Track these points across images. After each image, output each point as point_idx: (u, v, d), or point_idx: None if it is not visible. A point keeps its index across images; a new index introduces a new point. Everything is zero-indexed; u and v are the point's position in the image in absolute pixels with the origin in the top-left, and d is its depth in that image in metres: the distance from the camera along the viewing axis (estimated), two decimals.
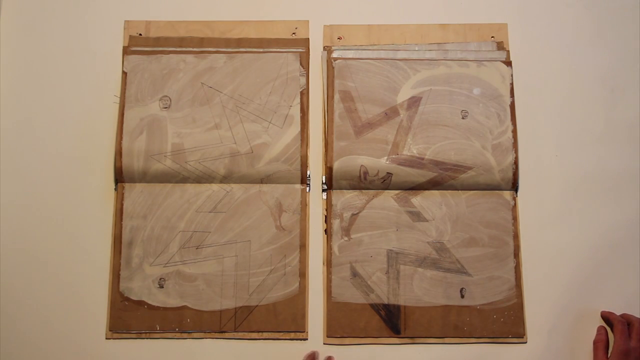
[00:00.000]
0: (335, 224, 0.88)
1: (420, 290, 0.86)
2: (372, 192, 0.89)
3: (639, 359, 0.80)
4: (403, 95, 0.90)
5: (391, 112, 0.90)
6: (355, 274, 0.86)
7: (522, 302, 0.86)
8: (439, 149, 0.88)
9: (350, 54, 0.92)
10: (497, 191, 0.89)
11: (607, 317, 0.85)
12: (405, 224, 0.88)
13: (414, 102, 0.90)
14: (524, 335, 0.85)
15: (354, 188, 0.89)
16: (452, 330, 0.85)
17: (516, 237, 0.88)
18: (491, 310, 0.85)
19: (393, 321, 0.85)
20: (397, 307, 0.85)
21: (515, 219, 0.88)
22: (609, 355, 0.82)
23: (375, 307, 0.85)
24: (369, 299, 0.86)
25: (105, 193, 0.90)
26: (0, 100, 0.93)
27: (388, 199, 0.89)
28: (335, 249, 0.87)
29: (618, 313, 0.86)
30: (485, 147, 0.89)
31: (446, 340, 0.85)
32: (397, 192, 0.89)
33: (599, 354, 0.83)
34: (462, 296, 0.86)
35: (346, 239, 0.87)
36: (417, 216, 0.88)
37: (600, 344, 0.83)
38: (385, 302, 0.86)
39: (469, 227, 0.88)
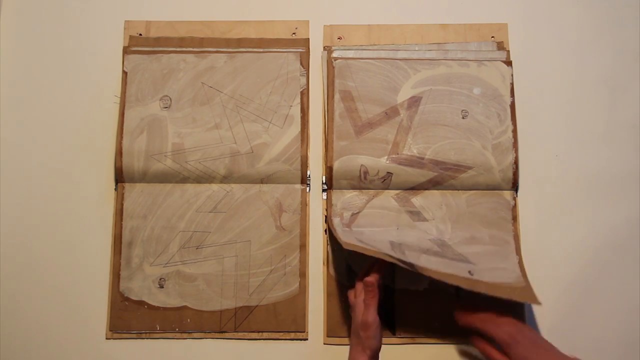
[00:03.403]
0: (336, 220, 0.87)
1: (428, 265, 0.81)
2: (372, 192, 0.89)
3: (519, 331, 0.74)
4: (403, 95, 0.90)
5: (391, 112, 0.90)
6: (361, 242, 0.83)
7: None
8: (439, 149, 0.88)
9: (350, 53, 0.92)
10: (497, 191, 0.89)
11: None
12: (405, 224, 0.88)
13: (414, 101, 0.90)
14: None
15: (354, 188, 0.89)
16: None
17: (516, 237, 0.88)
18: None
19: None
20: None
21: (515, 219, 0.88)
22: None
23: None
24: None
25: (105, 193, 0.90)
26: (0, 100, 0.93)
27: (388, 198, 0.89)
28: (338, 230, 0.85)
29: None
30: (486, 147, 0.89)
31: (445, 340, 0.85)
32: (397, 192, 0.89)
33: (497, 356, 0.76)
34: (471, 274, 0.81)
35: (347, 229, 0.86)
36: (417, 216, 0.88)
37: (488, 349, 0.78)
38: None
39: (470, 227, 0.88)
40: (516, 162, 0.89)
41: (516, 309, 0.86)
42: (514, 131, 0.89)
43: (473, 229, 0.87)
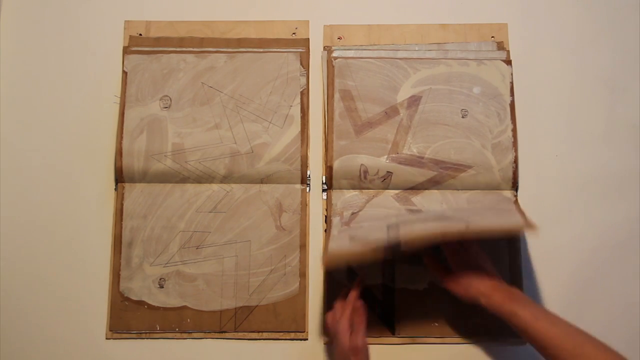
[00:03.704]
0: (335, 220, 0.87)
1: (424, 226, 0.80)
2: (372, 191, 0.89)
3: (464, 250, 0.79)
4: (403, 94, 0.90)
5: (391, 111, 0.90)
6: (353, 238, 0.83)
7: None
8: (439, 148, 0.88)
9: (350, 53, 0.92)
10: (497, 190, 0.89)
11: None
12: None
13: (414, 101, 0.90)
14: None
15: (354, 187, 0.89)
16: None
17: (519, 208, 0.86)
18: None
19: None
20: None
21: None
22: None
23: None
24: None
25: (105, 193, 0.90)
26: (0, 100, 0.93)
27: (388, 198, 0.88)
28: (334, 232, 0.86)
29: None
30: (485, 146, 0.89)
31: (445, 339, 0.85)
32: (397, 191, 0.89)
33: (438, 270, 0.81)
34: (468, 226, 0.78)
35: (346, 227, 0.86)
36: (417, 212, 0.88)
37: (431, 261, 0.82)
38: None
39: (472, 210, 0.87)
40: (516, 162, 0.88)
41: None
42: (514, 130, 0.89)
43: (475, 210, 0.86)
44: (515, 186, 0.89)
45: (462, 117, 0.90)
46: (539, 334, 0.69)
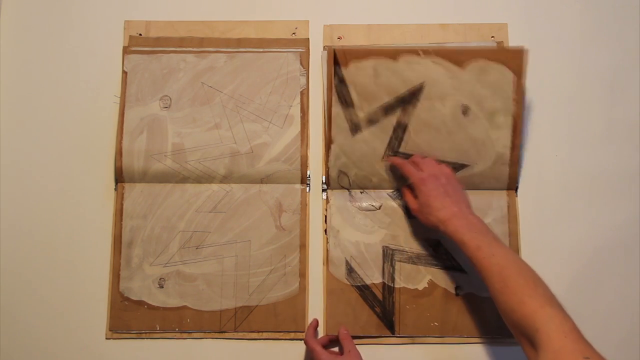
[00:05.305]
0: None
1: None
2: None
3: (433, 178, 0.81)
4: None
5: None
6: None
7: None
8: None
9: None
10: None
11: (395, 166, 0.86)
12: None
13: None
14: None
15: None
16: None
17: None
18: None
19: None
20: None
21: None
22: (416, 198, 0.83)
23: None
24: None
25: (105, 193, 0.90)
26: (1, 100, 0.93)
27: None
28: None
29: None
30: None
31: (445, 340, 0.85)
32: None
33: (409, 198, 0.85)
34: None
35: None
36: None
37: (406, 191, 0.86)
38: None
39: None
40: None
41: None
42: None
43: None
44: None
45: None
46: (478, 263, 0.72)
